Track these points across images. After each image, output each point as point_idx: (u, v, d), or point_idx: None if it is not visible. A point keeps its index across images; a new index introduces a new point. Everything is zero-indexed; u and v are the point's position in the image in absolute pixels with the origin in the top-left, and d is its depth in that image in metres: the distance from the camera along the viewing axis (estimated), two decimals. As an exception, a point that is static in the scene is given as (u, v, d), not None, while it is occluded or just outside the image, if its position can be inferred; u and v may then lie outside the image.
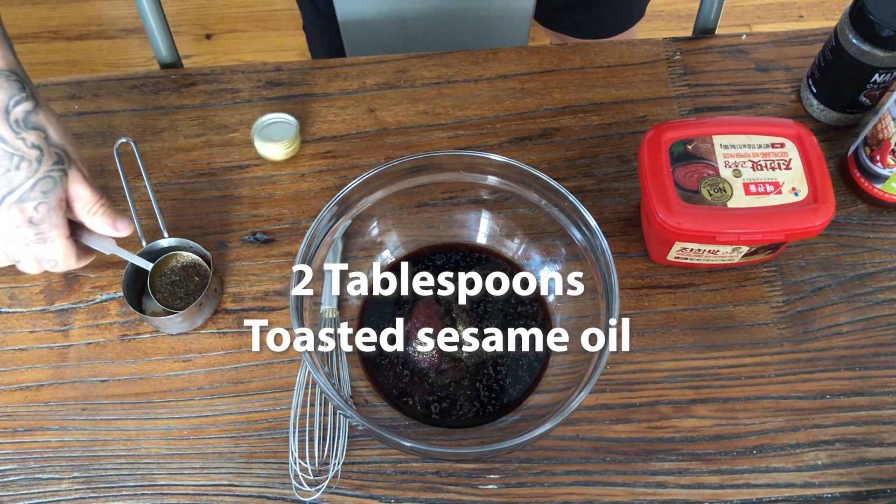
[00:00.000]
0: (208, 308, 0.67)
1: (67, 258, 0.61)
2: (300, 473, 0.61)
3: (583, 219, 0.61)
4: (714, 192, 0.63)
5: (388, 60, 0.80)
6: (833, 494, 0.61)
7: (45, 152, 0.57)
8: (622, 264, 0.70)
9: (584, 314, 0.64)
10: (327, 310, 0.65)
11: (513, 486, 0.62)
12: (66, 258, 0.61)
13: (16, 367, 0.67)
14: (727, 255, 0.66)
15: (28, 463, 0.63)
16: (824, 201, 0.63)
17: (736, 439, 0.63)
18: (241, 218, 0.72)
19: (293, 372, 0.66)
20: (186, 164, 0.75)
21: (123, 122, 0.77)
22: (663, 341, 0.67)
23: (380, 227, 0.68)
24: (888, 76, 0.69)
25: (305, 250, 0.60)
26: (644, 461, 0.62)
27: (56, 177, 0.57)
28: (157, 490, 0.62)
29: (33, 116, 0.56)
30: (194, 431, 0.64)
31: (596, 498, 0.61)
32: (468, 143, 0.76)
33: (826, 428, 0.63)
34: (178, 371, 0.66)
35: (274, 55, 1.76)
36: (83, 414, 0.65)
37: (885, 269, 0.69)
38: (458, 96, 0.78)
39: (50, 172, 0.57)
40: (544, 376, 0.64)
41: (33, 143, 0.56)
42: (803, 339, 0.67)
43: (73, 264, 0.62)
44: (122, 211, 0.62)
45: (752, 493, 0.61)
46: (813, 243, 0.70)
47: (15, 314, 0.69)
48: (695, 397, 0.64)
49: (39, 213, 0.57)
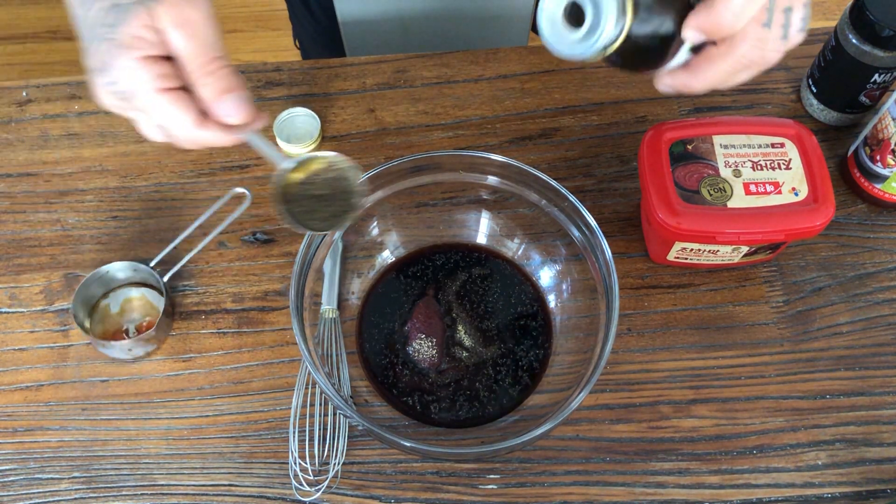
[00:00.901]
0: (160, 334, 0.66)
1: (174, 120, 0.46)
2: (300, 473, 0.61)
3: (583, 219, 0.61)
4: (714, 192, 0.63)
5: (388, 60, 0.80)
6: (833, 494, 0.61)
7: None
8: (622, 264, 0.70)
9: (584, 314, 0.64)
10: (327, 310, 0.65)
11: (513, 486, 0.62)
12: (171, 119, 0.46)
13: (16, 367, 0.67)
14: (727, 255, 0.66)
15: (28, 463, 0.63)
16: (824, 201, 0.63)
17: (736, 439, 0.63)
18: (241, 218, 0.72)
19: (293, 372, 0.66)
20: (186, 164, 0.75)
21: (123, 122, 0.77)
22: (663, 341, 0.67)
23: (380, 227, 0.68)
24: (888, 76, 0.69)
25: (305, 250, 0.59)
26: (644, 461, 0.62)
27: (125, 4, 0.44)
28: (156, 490, 0.62)
29: None
30: (194, 431, 0.64)
31: (596, 498, 0.61)
32: (468, 143, 0.76)
33: (826, 428, 0.63)
34: (178, 371, 0.66)
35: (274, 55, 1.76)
36: (83, 414, 0.65)
37: (885, 269, 0.69)
38: (458, 96, 0.78)
39: (118, 1, 0.44)
40: (544, 376, 0.64)
41: None
42: (803, 339, 0.67)
43: (188, 130, 0.47)
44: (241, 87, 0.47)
45: (752, 493, 0.61)
46: (813, 243, 0.70)
47: (15, 314, 0.69)
48: (695, 397, 0.64)
49: (102, 53, 0.44)
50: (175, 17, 0.45)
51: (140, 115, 0.48)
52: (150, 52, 0.45)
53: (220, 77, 0.46)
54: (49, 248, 0.71)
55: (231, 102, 0.47)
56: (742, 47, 0.47)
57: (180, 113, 0.46)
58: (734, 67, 0.48)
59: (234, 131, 0.49)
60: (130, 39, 0.44)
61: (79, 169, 0.75)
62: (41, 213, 0.73)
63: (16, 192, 0.74)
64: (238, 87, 0.47)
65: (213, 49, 0.46)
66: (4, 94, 0.78)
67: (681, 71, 0.49)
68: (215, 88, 0.46)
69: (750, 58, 0.47)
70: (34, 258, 0.71)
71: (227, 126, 0.48)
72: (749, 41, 0.47)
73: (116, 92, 0.46)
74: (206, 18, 0.46)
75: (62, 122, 0.77)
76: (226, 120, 0.48)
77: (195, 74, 0.46)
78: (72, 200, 0.73)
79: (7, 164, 0.75)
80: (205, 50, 0.45)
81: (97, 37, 0.45)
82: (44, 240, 0.72)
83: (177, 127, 0.47)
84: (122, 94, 0.46)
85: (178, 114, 0.46)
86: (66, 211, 0.73)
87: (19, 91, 0.79)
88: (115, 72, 0.45)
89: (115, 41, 0.44)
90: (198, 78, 0.46)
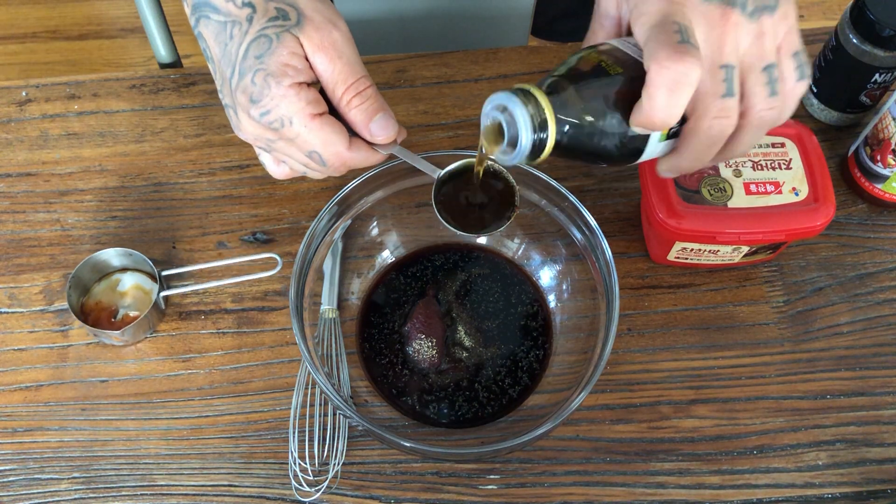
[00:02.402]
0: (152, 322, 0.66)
1: (327, 144, 0.47)
2: (300, 474, 0.61)
3: (583, 219, 0.61)
4: (714, 191, 0.63)
5: (388, 60, 0.80)
6: (833, 495, 0.61)
7: (258, 9, 0.45)
8: (622, 264, 0.70)
9: (584, 314, 0.64)
10: (327, 310, 0.65)
11: (513, 486, 0.62)
12: (325, 144, 0.47)
13: (15, 367, 0.66)
14: (727, 255, 0.66)
15: (28, 463, 0.63)
16: (825, 201, 0.63)
17: (736, 439, 0.63)
18: (241, 218, 0.72)
19: (293, 372, 0.66)
20: (186, 164, 0.75)
21: (123, 122, 0.77)
22: (663, 341, 0.67)
23: (380, 227, 0.68)
24: (888, 76, 0.69)
25: (305, 250, 0.59)
26: (644, 461, 0.62)
27: (272, 35, 0.45)
28: (156, 490, 0.62)
29: None
30: (194, 432, 0.64)
31: (596, 498, 0.61)
32: (468, 143, 0.76)
33: (826, 428, 0.63)
34: (177, 371, 0.66)
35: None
36: (83, 414, 0.65)
37: (886, 269, 0.69)
38: (458, 96, 0.78)
39: (263, 31, 0.45)
40: (544, 376, 0.64)
41: (245, 0, 0.45)
42: (804, 339, 0.66)
43: (340, 152, 0.48)
44: (386, 106, 0.48)
45: (753, 493, 0.61)
46: (813, 243, 0.70)
47: (15, 314, 0.69)
48: (695, 397, 0.64)
49: (256, 85, 0.45)
50: (319, 41, 0.46)
51: (284, 148, 0.48)
52: (301, 79, 0.46)
53: (366, 98, 0.47)
54: (49, 248, 0.71)
55: (380, 123, 0.48)
56: (703, 122, 0.45)
57: (334, 137, 0.47)
58: (706, 143, 0.46)
59: (381, 150, 0.50)
60: (282, 67, 0.45)
61: (78, 169, 0.75)
62: (41, 213, 0.73)
63: (15, 192, 0.74)
64: (383, 107, 0.48)
65: (357, 69, 0.47)
66: (4, 94, 0.78)
67: (670, 154, 0.48)
68: (365, 111, 0.47)
69: (720, 129, 0.45)
70: (34, 258, 0.71)
71: (374, 145, 0.49)
72: (710, 115, 0.44)
73: (269, 122, 0.46)
74: (347, 39, 0.47)
75: (61, 122, 0.77)
76: (376, 140, 0.49)
77: (344, 97, 0.47)
78: (71, 200, 0.73)
79: (7, 164, 0.75)
80: (351, 71, 0.47)
81: (246, 69, 0.46)
82: (43, 240, 0.72)
83: (329, 152, 0.48)
84: (274, 122, 0.46)
85: (331, 138, 0.47)
86: (65, 211, 0.73)
87: (19, 91, 0.79)
88: (268, 101, 0.45)
89: (265, 70, 0.45)
90: (347, 101, 0.47)
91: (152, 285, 0.67)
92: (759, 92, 0.45)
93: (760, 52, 0.45)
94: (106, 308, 0.67)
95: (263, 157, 0.53)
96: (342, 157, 0.48)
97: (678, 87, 0.42)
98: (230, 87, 0.47)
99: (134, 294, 0.68)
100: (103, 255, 0.67)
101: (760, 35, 0.45)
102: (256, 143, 0.50)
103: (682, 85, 0.42)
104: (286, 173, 0.52)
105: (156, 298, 0.65)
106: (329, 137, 0.47)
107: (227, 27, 0.46)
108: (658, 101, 0.42)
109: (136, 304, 0.67)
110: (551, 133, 0.44)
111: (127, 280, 0.68)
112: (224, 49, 0.46)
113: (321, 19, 0.46)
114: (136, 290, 0.68)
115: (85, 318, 0.67)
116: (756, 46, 0.45)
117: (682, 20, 0.43)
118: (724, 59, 0.44)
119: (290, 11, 0.45)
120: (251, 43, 0.45)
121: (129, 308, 0.67)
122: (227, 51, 0.46)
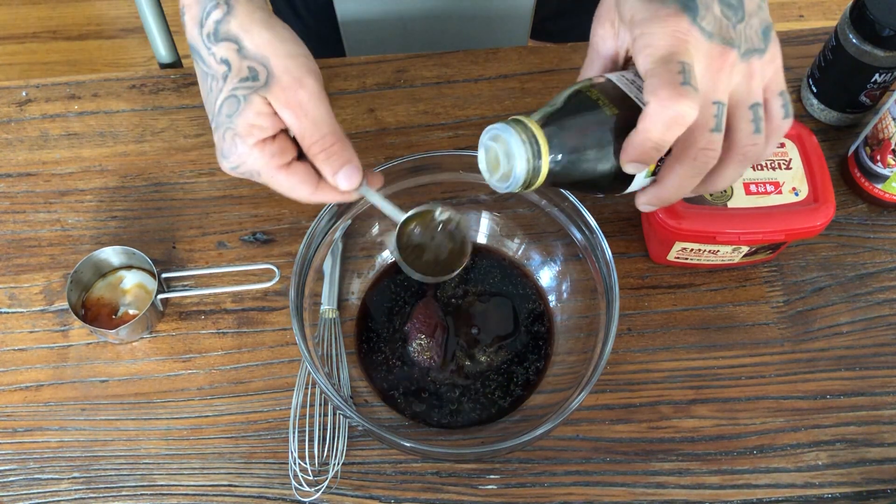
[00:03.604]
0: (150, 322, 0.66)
1: (294, 191, 0.51)
2: (300, 474, 0.61)
3: (583, 219, 0.61)
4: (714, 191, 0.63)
5: (387, 60, 0.80)
6: (833, 495, 0.61)
7: (233, 67, 0.48)
8: (622, 264, 0.70)
9: (584, 314, 0.64)
10: (327, 310, 0.65)
11: (513, 486, 0.62)
12: (291, 191, 0.51)
13: (15, 368, 0.66)
14: (727, 256, 0.66)
15: (28, 463, 0.63)
16: (824, 201, 0.63)
17: (736, 439, 0.63)
18: (241, 218, 0.72)
19: (293, 372, 0.66)
20: (186, 164, 0.75)
21: (123, 122, 0.77)
22: (663, 341, 0.67)
23: (380, 227, 0.68)
24: (888, 76, 0.69)
25: (305, 250, 0.59)
26: (644, 461, 0.62)
27: (241, 96, 0.47)
28: (156, 490, 0.62)
29: (224, 26, 0.48)
30: (194, 432, 0.64)
31: (596, 498, 0.61)
32: (468, 143, 0.76)
33: (826, 428, 0.63)
34: (177, 371, 0.66)
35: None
36: (83, 414, 0.65)
37: (886, 269, 0.69)
38: (458, 96, 0.78)
39: (234, 91, 0.47)
40: (544, 376, 0.64)
41: (222, 57, 0.48)
42: (804, 339, 0.66)
43: (307, 197, 0.52)
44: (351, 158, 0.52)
45: (753, 493, 0.61)
46: (813, 243, 0.70)
47: (15, 314, 0.69)
48: (695, 397, 0.64)
49: (226, 141, 0.49)
50: (285, 100, 0.48)
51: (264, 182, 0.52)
52: (266, 135, 0.49)
53: (331, 153, 0.50)
54: (49, 248, 0.71)
55: (343, 175, 0.51)
56: (690, 153, 0.46)
57: (299, 185, 0.51)
58: (689, 173, 0.47)
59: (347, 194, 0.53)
60: (248, 128, 0.48)
61: (78, 169, 0.75)
62: (41, 213, 0.73)
63: (16, 192, 0.74)
64: (348, 161, 0.51)
65: (323, 126, 0.50)
66: (4, 94, 0.78)
67: (651, 186, 0.49)
68: (329, 166, 0.51)
69: (704, 160, 0.46)
70: (34, 258, 0.71)
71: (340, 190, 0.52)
72: (697, 146, 0.46)
73: (241, 173, 0.51)
74: (313, 96, 0.49)
75: (62, 122, 0.77)
76: (340, 189, 0.52)
77: (311, 150, 0.50)
78: (71, 200, 0.73)
79: (7, 164, 0.75)
80: (315, 129, 0.49)
81: (219, 125, 0.49)
82: (43, 240, 0.72)
83: (296, 195, 0.52)
84: (245, 173, 0.51)
85: (297, 186, 0.51)
86: (65, 211, 0.73)
87: (19, 91, 0.79)
88: (236, 158, 0.49)
89: (233, 131, 0.48)
90: (313, 154, 0.50)
91: (154, 284, 0.67)
92: (745, 128, 0.47)
93: (749, 91, 0.47)
94: (107, 305, 0.67)
95: None
96: (309, 199, 0.52)
97: (674, 125, 0.44)
98: (212, 127, 0.50)
99: (136, 293, 0.68)
100: (106, 254, 0.67)
101: (750, 75, 0.47)
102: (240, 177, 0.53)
103: (677, 124, 0.44)
104: None
105: (154, 300, 0.65)
106: (294, 185, 0.51)
107: (208, 79, 0.49)
108: (652, 134, 0.44)
109: (137, 303, 0.67)
110: (544, 163, 0.46)
111: (130, 278, 0.68)
112: (207, 95, 0.50)
113: (289, 79, 0.48)
114: (137, 289, 0.68)
115: (85, 313, 0.67)
116: (745, 86, 0.47)
117: (685, 58, 0.45)
118: (717, 96, 0.46)
119: (261, 71, 0.48)
120: (224, 101, 0.48)
121: (129, 306, 0.67)
122: (209, 98, 0.50)
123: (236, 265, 0.69)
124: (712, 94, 0.46)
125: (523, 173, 0.46)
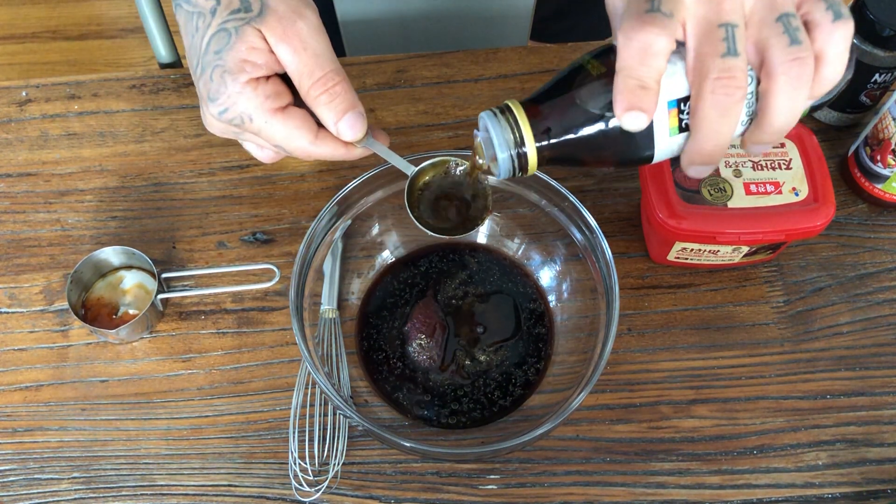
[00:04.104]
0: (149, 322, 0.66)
1: (290, 139, 0.45)
2: (300, 473, 0.61)
3: (583, 219, 0.61)
4: (714, 191, 0.63)
5: (388, 60, 0.80)
6: (834, 495, 0.61)
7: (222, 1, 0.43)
8: (622, 264, 0.69)
9: (584, 314, 0.64)
10: (327, 310, 0.65)
11: (513, 486, 0.62)
12: (287, 140, 0.45)
13: (15, 367, 0.66)
14: (727, 256, 0.66)
15: (28, 463, 0.63)
16: (825, 201, 0.63)
17: (736, 439, 0.63)
18: (241, 218, 0.72)
19: (293, 372, 0.66)
20: (186, 164, 0.75)
21: (123, 122, 0.77)
22: (663, 341, 0.67)
23: (380, 227, 0.68)
24: (888, 76, 0.69)
25: (305, 250, 0.59)
26: (644, 461, 0.62)
27: (232, 29, 0.43)
28: (156, 490, 0.62)
29: None
30: (194, 431, 0.64)
31: (596, 498, 0.61)
32: (468, 144, 0.76)
33: (827, 428, 0.63)
34: (177, 371, 0.66)
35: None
36: (83, 414, 0.65)
37: (886, 269, 0.69)
38: (458, 96, 0.78)
39: (224, 24, 0.43)
40: (544, 376, 0.64)
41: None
42: (804, 339, 0.66)
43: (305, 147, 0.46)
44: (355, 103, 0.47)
45: (753, 493, 0.61)
46: (813, 243, 0.70)
47: (15, 314, 0.69)
48: (695, 397, 0.64)
49: (213, 82, 0.44)
50: (282, 32, 0.44)
51: (253, 139, 0.47)
52: (259, 74, 0.44)
53: (335, 95, 0.45)
54: (49, 248, 0.71)
55: (348, 121, 0.46)
56: (705, 86, 0.40)
57: (296, 132, 0.46)
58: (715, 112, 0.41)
59: (350, 146, 0.48)
60: (239, 64, 0.44)
61: (78, 169, 0.75)
62: (41, 213, 0.73)
63: (16, 192, 0.74)
64: (354, 104, 0.46)
65: (325, 62, 0.45)
66: (4, 94, 0.78)
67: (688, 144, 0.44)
68: (333, 108, 0.45)
69: (724, 92, 0.40)
70: (34, 258, 0.71)
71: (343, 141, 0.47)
72: (710, 76, 0.40)
73: (229, 119, 0.45)
74: (314, 29, 0.45)
75: (62, 122, 0.77)
76: (343, 138, 0.47)
77: (311, 92, 0.45)
78: (71, 200, 0.73)
79: (7, 164, 0.75)
80: (317, 64, 0.44)
81: (206, 65, 0.44)
82: (43, 240, 0.72)
83: (292, 147, 0.46)
84: (234, 119, 0.45)
85: (294, 133, 0.46)
86: (65, 211, 0.73)
87: (19, 91, 0.79)
88: (225, 98, 0.44)
89: (222, 67, 0.44)
90: (313, 97, 0.45)
91: (154, 284, 0.67)
92: (776, 43, 0.40)
93: (771, 5, 0.40)
94: (107, 304, 0.67)
95: (246, 144, 0.51)
96: (307, 151, 0.47)
97: (645, 55, 0.39)
98: (195, 79, 0.45)
99: (136, 293, 0.68)
100: (106, 254, 0.67)
101: None
102: (225, 136, 0.49)
103: (648, 55, 0.39)
104: (271, 157, 0.51)
105: (154, 300, 0.65)
106: (291, 133, 0.46)
107: (194, 18, 0.44)
108: (628, 71, 0.39)
109: (137, 303, 0.67)
110: (530, 146, 0.44)
111: (130, 278, 0.68)
112: (191, 41, 0.45)
113: (285, 9, 0.44)
114: (137, 289, 0.68)
115: (85, 313, 0.67)
116: (764, 1, 0.41)
117: None
118: (724, 18, 0.40)
119: (254, 2, 0.43)
120: (212, 37, 0.43)
121: (129, 306, 0.67)
122: (192, 42, 0.45)
123: (236, 265, 0.69)
124: (715, 17, 0.40)
125: (507, 160, 0.44)
